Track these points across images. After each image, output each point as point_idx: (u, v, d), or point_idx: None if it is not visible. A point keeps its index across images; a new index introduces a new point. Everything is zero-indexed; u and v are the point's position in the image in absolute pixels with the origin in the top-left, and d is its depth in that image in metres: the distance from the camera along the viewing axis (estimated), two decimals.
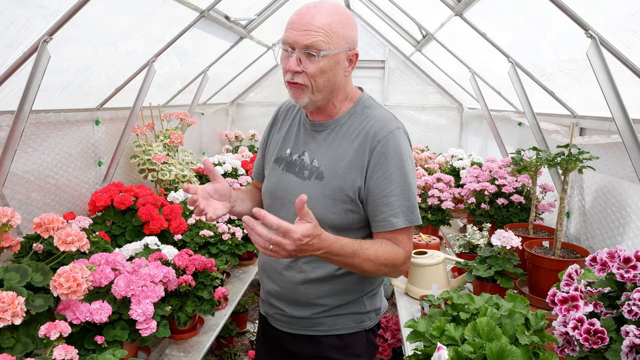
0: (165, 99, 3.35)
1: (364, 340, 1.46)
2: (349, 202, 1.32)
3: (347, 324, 1.43)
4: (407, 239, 1.33)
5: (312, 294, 1.40)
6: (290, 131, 1.47)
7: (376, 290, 1.50)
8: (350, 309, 1.43)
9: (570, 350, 1.10)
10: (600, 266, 1.14)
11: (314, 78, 1.26)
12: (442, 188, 2.87)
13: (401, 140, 1.32)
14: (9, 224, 1.42)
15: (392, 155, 1.28)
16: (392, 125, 1.32)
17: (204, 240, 2.26)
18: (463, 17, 2.44)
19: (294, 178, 1.39)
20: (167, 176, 2.74)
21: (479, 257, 1.96)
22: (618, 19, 1.55)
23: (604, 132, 2.08)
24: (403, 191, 1.29)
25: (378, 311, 1.51)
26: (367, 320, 1.46)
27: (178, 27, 2.49)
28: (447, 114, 4.79)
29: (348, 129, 1.35)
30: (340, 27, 1.24)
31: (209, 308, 1.79)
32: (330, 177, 1.33)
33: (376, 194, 1.29)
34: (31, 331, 1.31)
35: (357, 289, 1.43)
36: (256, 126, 4.93)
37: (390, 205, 1.28)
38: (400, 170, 1.29)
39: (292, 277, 1.41)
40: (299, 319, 1.45)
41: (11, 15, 1.57)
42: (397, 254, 1.29)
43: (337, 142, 1.35)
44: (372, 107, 1.38)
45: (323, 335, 1.43)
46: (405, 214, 1.29)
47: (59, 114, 2.22)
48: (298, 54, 1.24)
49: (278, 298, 1.47)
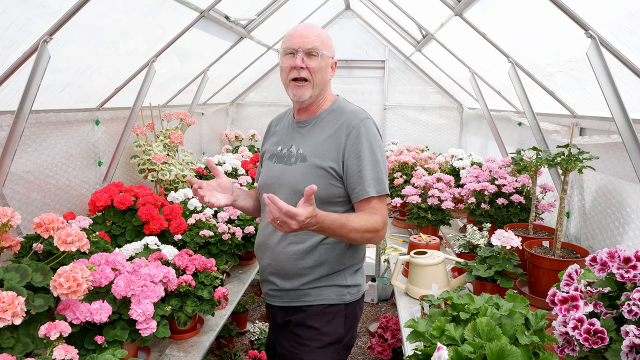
0: (165, 99, 3.35)
1: (343, 312, 1.69)
2: (329, 177, 1.60)
3: (330, 296, 1.67)
4: (381, 206, 1.61)
5: (300, 264, 1.65)
6: (280, 133, 1.79)
7: (357, 266, 1.75)
8: (333, 281, 1.67)
9: (570, 350, 1.10)
10: (600, 266, 1.14)
11: (314, 73, 1.60)
12: (442, 188, 2.87)
13: (370, 127, 1.62)
14: (9, 224, 1.42)
15: (363, 139, 1.59)
16: (363, 116, 1.64)
17: (204, 240, 2.26)
18: (463, 17, 2.44)
19: (282, 166, 1.68)
20: (167, 176, 2.74)
21: (479, 257, 1.96)
22: (618, 19, 1.55)
23: (604, 132, 2.08)
24: (373, 168, 1.59)
25: (358, 287, 1.74)
26: (347, 295, 1.69)
27: (178, 27, 2.49)
28: (447, 114, 4.79)
29: (328, 122, 1.67)
30: (327, 40, 1.64)
31: (209, 308, 1.79)
32: (312, 157, 1.62)
33: (352, 170, 1.59)
34: (31, 331, 1.31)
35: (339, 262, 1.67)
36: (256, 126, 4.93)
37: (363, 178, 1.58)
38: (370, 151, 1.59)
39: (283, 248, 1.66)
40: (289, 291, 1.69)
41: (11, 15, 1.57)
42: (376, 220, 1.57)
43: (317, 131, 1.67)
44: (346, 106, 1.71)
45: (308, 305, 1.67)
46: (375, 185, 1.58)
47: (59, 114, 2.22)
48: (302, 55, 1.59)
49: (271, 272, 1.71)
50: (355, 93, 4.82)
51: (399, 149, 3.97)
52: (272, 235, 1.69)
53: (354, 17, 4.75)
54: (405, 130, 4.88)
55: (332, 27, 4.78)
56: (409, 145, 4.05)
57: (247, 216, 2.53)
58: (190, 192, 2.61)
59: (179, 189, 2.72)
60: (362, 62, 4.80)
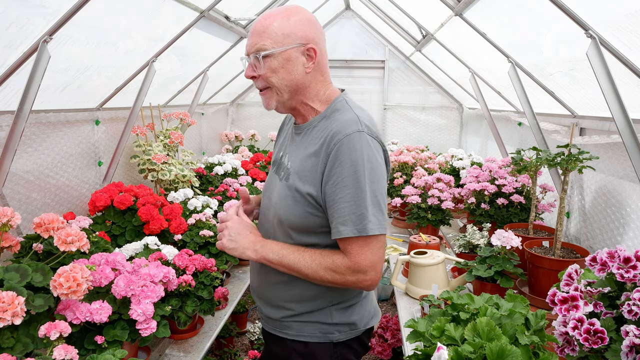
0: (165, 99, 3.35)
1: (331, 352, 1.41)
2: (308, 205, 1.30)
3: (313, 333, 1.41)
4: (357, 250, 1.25)
5: (282, 296, 1.42)
6: (284, 136, 1.54)
7: (349, 303, 1.43)
8: (316, 317, 1.40)
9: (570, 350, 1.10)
10: (600, 266, 1.14)
11: (267, 79, 1.31)
12: (442, 188, 2.87)
13: (357, 144, 1.24)
14: (9, 224, 1.42)
15: (345, 160, 1.23)
16: (350, 129, 1.26)
17: (204, 240, 2.26)
18: (463, 17, 2.44)
19: (276, 178, 1.43)
20: (167, 176, 2.74)
21: (479, 257, 1.96)
22: (618, 19, 1.55)
23: (604, 132, 2.08)
24: (354, 198, 1.22)
25: (352, 325, 1.42)
26: (335, 333, 1.40)
27: (178, 27, 2.49)
28: (447, 114, 4.79)
29: (317, 132, 1.34)
30: (283, 26, 1.28)
31: (209, 308, 1.79)
32: (294, 178, 1.34)
33: (330, 200, 1.26)
34: (31, 331, 1.31)
35: (325, 298, 1.39)
36: (256, 126, 4.93)
37: (339, 211, 1.24)
38: (353, 176, 1.23)
39: (265, 274, 1.45)
40: (270, 319, 1.48)
41: (11, 15, 1.57)
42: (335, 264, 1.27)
43: (305, 145, 1.37)
44: (341, 110, 1.35)
45: (290, 339, 1.43)
46: (354, 222, 1.22)
47: (59, 114, 2.22)
48: (251, 61, 1.32)
49: (257, 295, 1.53)
50: (355, 93, 4.82)
51: (399, 149, 3.97)
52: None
53: (354, 17, 4.75)
54: (405, 130, 4.88)
55: (332, 27, 4.78)
56: (409, 145, 4.06)
57: None
58: (190, 192, 2.61)
59: (179, 189, 2.72)
60: (362, 62, 4.80)
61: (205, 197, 2.65)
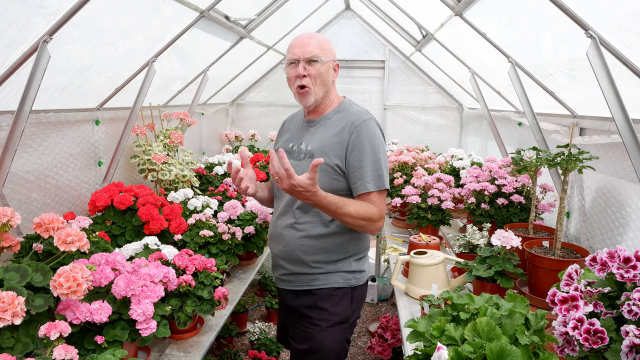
0: (165, 99, 3.35)
1: (350, 295, 1.86)
2: (333, 173, 1.76)
3: (337, 280, 1.84)
4: (379, 200, 1.75)
5: (308, 251, 1.82)
6: (292, 131, 1.97)
7: (361, 255, 1.91)
8: (340, 267, 1.84)
9: (570, 350, 1.10)
10: (600, 266, 1.14)
11: (315, 78, 1.78)
12: (442, 188, 2.87)
13: (372, 127, 1.78)
14: (9, 224, 1.42)
15: (365, 137, 1.74)
16: (366, 116, 1.80)
17: (204, 240, 2.26)
18: (463, 17, 2.44)
19: (292, 161, 1.81)
20: (167, 176, 2.74)
21: (479, 257, 1.96)
22: (618, 19, 1.55)
23: (604, 132, 2.08)
24: (374, 164, 1.73)
25: (363, 273, 1.91)
26: (352, 279, 1.86)
27: (178, 27, 2.49)
28: (447, 114, 4.79)
29: (334, 122, 1.83)
30: (326, 45, 1.81)
31: (209, 308, 1.79)
32: (319, 154, 1.77)
33: (354, 166, 1.74)
34: (31, 331, 1.31)
35: (345, 250, 1.84)
36: (256, 126, 4.93)
37: (364, 174, 1.73)
38: (372, 149, 1.74)
39: (292, 235, 1.84)
40: (299, 275, 1.86)
41: (11, 15, 1.57)
42: (372, 211, 1.71)
43: (324, 130, 1.83)
44: (351, 107, 1.88)
45: (318, 288, 1.84)
46: (374, 181, 1.73)
47: (59, 114, 2.22)
48: (303, 63, 1.76)
49: (282, 257, 1.88)
50: (355, 93, 4.81)
51: (399, 149, 3.97)
52: (283, 225, 1.87)
53: (354, 17, 4.75)
54: (405, 130, 4.88)
55: (332, 27, 4.78)
56: (409, 145, 4.05)
57: (247, 216, 2.53)
58: (190, 192, 2.61)
59: (179, 189, 2.72)
60: (362, 62, 4.80)
61: (205, 197, 2.66)
